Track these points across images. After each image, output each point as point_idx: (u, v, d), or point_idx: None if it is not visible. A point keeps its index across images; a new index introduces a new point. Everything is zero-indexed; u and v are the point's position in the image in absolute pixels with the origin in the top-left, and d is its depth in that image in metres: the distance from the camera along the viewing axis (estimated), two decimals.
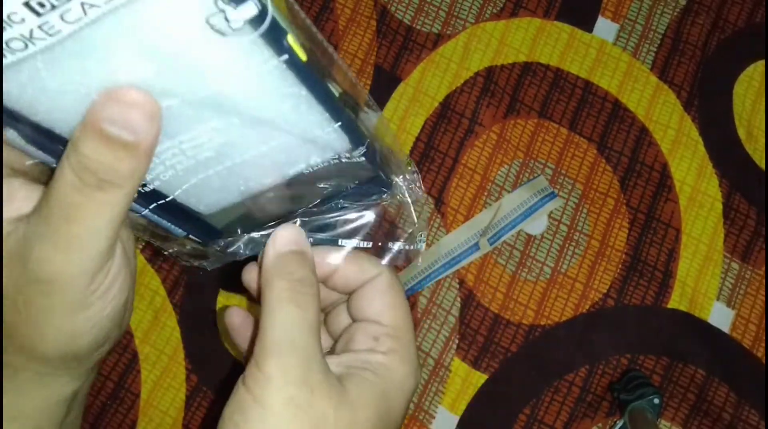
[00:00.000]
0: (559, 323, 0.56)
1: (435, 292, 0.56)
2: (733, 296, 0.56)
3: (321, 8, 0.61)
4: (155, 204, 0.24)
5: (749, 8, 0.61)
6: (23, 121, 0.19)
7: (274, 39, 0.19)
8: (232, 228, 0.27)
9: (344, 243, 0.27)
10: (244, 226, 0.27)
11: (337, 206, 0.26)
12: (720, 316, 0.56)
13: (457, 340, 0.56)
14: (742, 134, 0.59)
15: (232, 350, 0.56)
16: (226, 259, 0.28)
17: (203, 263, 0.28)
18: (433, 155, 0.58)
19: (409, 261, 0.27)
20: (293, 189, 0.25)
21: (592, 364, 0.55)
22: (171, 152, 0.23)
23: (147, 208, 0.24)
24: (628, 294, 0.56)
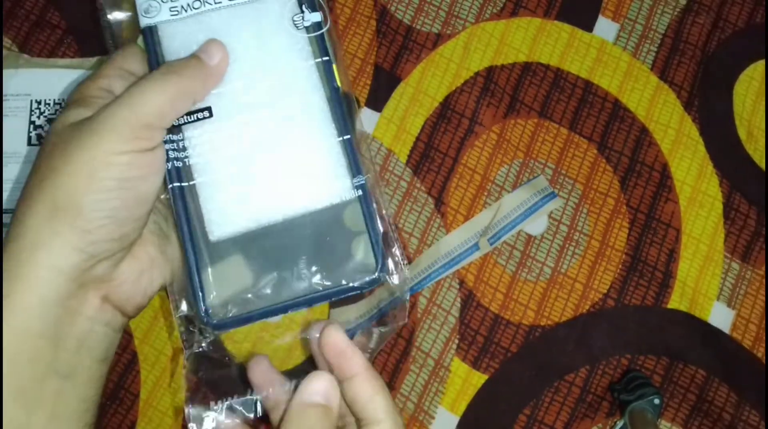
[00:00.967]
0: (559, 323, 0.56)
1: (435, 292, 0.56)
2: (733, 296, 0.56)
3: None
4: (179, 184, 0.29)
5: (749, 8, 0.61)
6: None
7: (322, 42, 0.29)
8: (230, 290, 0.29)
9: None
10: (242, 300, 0.29)
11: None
12: (720, 317, 0.56)
13: (457, 341, 0.56)
14: (742, 134, 0.59)
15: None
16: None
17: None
18: (433, 155, 0.58)
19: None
20: (298, 250, 0.28)
21: (592, 365, 0.55)
22: (210, 135, 0.29)
23: (173, 184, 0.29)
24: (628, 294, 0.56)
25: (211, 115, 0.28)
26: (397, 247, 0.29)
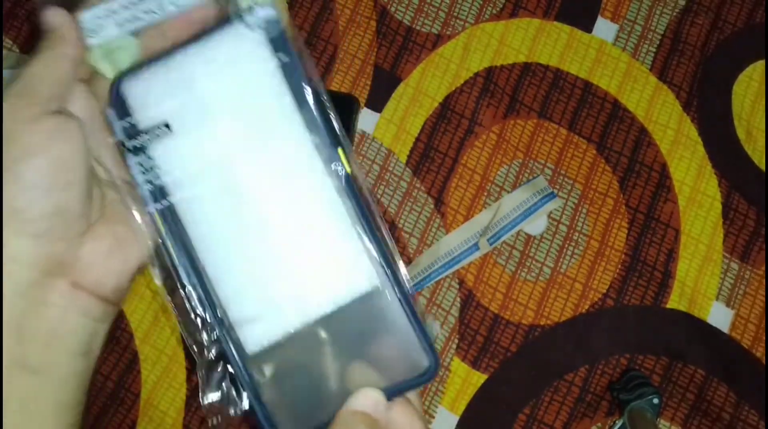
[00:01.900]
0: (558, 323, 0.56)
1: (435, 292, 0.57)
2: (732, 296, 0.57)
3: (321, 8, 0.61)
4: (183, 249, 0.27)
5: (749, 8, 0.61)
6: None
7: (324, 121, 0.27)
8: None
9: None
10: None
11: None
12: (719, 316, 0.56)
13: (456, 340, 0.56)
14: (741, 134, 0.59)
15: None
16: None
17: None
18: (433, 155, 0.59)
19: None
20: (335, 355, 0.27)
21: (592, 364, 0.56)
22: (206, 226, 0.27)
23: (156, 205, 0.27)
24: (627, 294, 0.57)
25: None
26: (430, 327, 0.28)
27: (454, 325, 0.56)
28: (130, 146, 0.27)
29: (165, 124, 0.27)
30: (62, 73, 0.28)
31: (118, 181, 0.29)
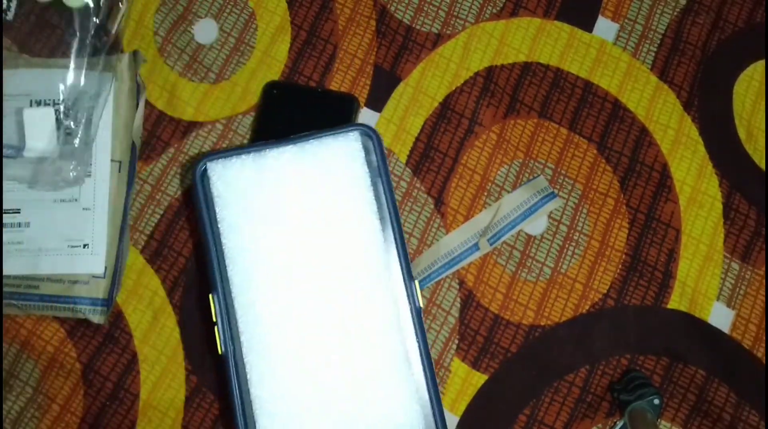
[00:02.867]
0: (559, 323, 0.56)
1: (435, 293, 0.56)
2: (733, 296, 0.56)
3: (321, 8, 0.61)
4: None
5: (749, 8, 0.61)
6: None
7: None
8: None
9: None
10: None
11: None
12: (720, 317, 0.56)
13: (456, 341, 0.56)
14: (742, 134, 0.59)
15: None
16: None
17: None
18: (433, 155, 0.58)
19: None
20: None
21: (592, 365, 0.55)
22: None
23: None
24: (628, 294, 0.56)
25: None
26: None
27: (454, 326, 0.56)
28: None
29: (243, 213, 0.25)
30: None
31: None
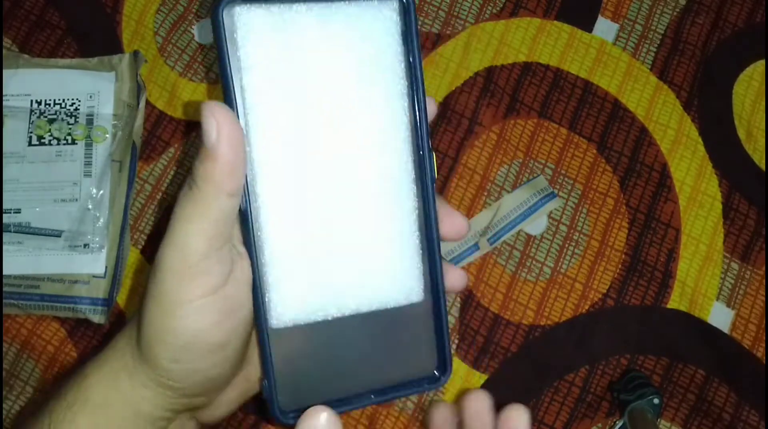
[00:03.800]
0: (558, 323, 0.56)
1: None
2: (732, 296, 0.56)
3: None
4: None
5: (749, 8, 0.61)
6: None
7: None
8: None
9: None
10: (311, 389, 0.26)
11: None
12: (720, 316, 0.56)
13: (457, 341, 0.56)
14: (741, 134, 0.59)
15: None
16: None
17: None
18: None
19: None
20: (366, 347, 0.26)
21: (592, 364, 0.55)
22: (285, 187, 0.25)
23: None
24: (627, 294, 0.56)
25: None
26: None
27: (454, 325, 0.56)
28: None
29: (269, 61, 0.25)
30: (219, 219, 0.23)
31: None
